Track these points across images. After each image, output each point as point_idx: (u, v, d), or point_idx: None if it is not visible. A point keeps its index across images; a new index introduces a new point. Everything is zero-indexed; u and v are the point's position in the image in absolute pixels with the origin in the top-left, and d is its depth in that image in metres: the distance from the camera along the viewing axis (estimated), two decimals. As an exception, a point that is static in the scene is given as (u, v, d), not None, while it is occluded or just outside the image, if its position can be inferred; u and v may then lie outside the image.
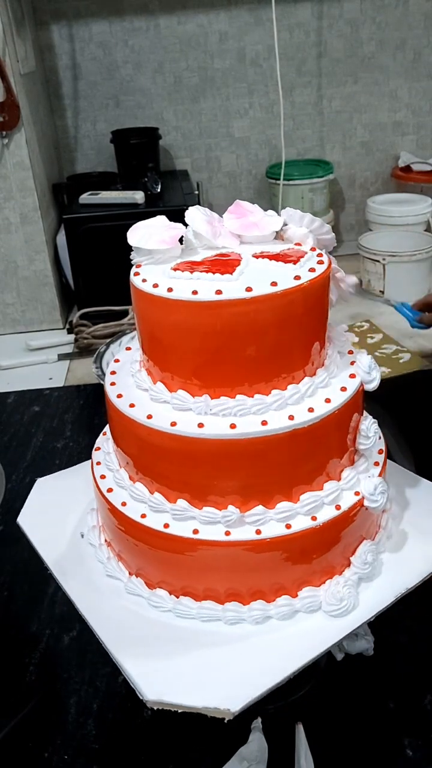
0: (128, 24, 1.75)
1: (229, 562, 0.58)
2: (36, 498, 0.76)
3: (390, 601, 0.60)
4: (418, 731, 0.64)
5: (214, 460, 0.56)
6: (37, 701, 0.69)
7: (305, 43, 1.81)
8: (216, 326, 0.55)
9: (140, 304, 0.59)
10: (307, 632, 0.58)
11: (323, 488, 0.60)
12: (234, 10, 1.75)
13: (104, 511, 0.64)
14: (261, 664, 0.56)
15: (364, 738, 0.64)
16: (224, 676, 0.55)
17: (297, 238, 0.63)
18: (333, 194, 1.95)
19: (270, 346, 0.56)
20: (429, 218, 1.74)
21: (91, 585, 0.64)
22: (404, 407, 1.11)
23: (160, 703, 0.53)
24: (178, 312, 0.55)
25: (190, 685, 0.54)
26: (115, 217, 1.51)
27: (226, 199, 1.94)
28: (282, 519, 0.58)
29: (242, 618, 0.59)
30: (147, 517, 0.59)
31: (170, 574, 0.61)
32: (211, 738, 0.64)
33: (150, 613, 0.61)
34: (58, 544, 0.69)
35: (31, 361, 1.48)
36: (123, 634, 0.59)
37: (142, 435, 0.58)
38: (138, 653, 0.57)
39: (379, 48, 1.84)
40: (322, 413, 0.57)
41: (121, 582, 0.63)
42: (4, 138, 1.46)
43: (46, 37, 1.74)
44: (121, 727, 0.67)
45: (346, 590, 0.59)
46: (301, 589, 0.60)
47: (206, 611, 0.59)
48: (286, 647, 0.57)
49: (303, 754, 0.60)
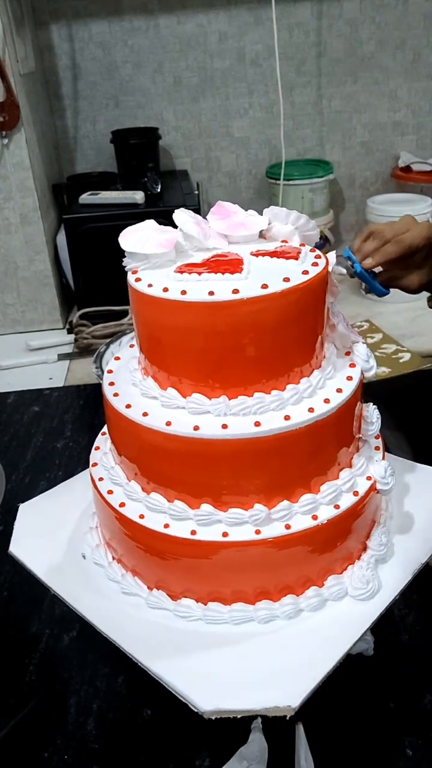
0: (128, 24, 1.75)
1: (260, 560, 0.58)
2: (23, 525, 0.73)
3: (409, 578, 0.62)
4: (418, 731, 0.64)
5: (238, 459, 0.56)
6: (37, 701, 0.69)
7: (305, 42, 1.81)
8: (234, 325, 0.55)
9: (147, 309, 0.58)
10: (340, 619, 0.60)
11: (339, 477, 0.61)
12: (234, 9, 1.75)
13: (115, 527, 0.62)
14: (306, 657, 0.56)
15: (364, 738, 0.64)
16: (272, 674, 0.55)
17: (283, 235, 0.63)
18: (333, 194, 1.95)
19: (285, 340, 0.57)
20: (429, 218, 1.73)
21: (109, 605, 0.62)
22: (404, 407, 1.11)
23: (218, 711, 0.52)
24: (194, 314, 0.54)
25: (240, 689, 0.54)
26: (115, 217, 1.51)
27: (225, 199, 1.93)
28: (307, 511, 0.58)
29: (275, 615, 0.59)
30: (170, 526, 0.58)
31: (196, 581, 0.60)
32: (211, 738, 0.64)
33: (177, 624, 0.60)
34: (62, 569, 0.67)
35: (31, 361, 1.48)
36: (156, 649, 0.58)
37: (159, 443, 0.57)
38: (177, 666, 0.56)
39: (379, 48, 1.84)
40: (337, 403, 0.58)
41: (141, 598, 0.62)
42: (4, 138, 1.46)
43: (45, 37, 1.74)
44: (121, 727, 0.67)
45: (370, 572, 0.61)
46: (326, 578, 0.61)
47: (238, 613, 0.59)
48: (325, 636, 0.58)
49: (303, 754, 0.60)
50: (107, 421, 0.65)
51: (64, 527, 0.72)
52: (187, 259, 0.60)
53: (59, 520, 0.73)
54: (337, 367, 0.62)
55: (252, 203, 0.63)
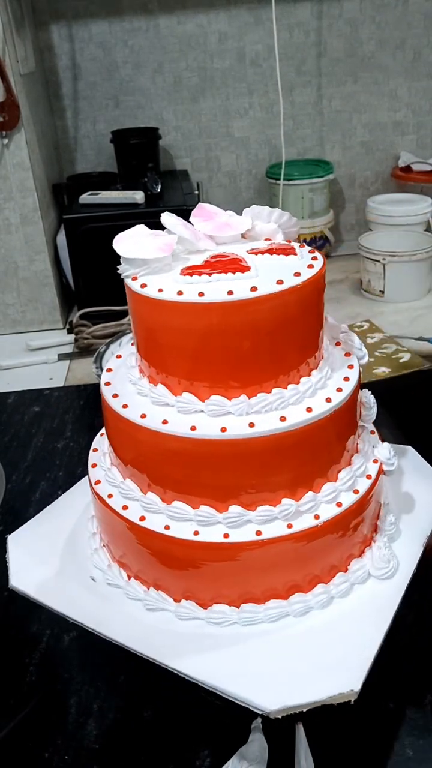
0: (128, 24, 1.75)
1: (292, 554, 0.59)
2: (17, 555, 0.70)
3: (420, 552, 0.65)
4: (418, 731, 0.64)
5: (266, 456, 0.57)
6: (37, 701, 0.69)
7: (305, 42, 1.81)
8: (254, 322, 0.55)
9: (158, 314, 0.56)
10: (370, 600, 0.61)
11: (352, 463, 0.62)
12: (234, 10, 1.75)
13: (131, 543, 0.61)
14: (350, 641, 0.57)
15: (364, 738, 0.64)
16: (323, 664, 0.56)
17: (266, 233, 0.64)
18: (333, 194, 1.95)
19: (300, 332, 0.58)
20: (429, 218, 1.74)
21: (136, 624, 0.61)
22: (404, 407, 1.11)
23: (284, 709, 0.52)
24: (214, 315, 0.54)
25: (297, 683, 0.54)
26: (115, 217, 1.51)
27: (226, 199, 1.94)
28: (331, 500, 0.60)
29: (309, 606, 0.60)
30: (200, 533, 0.58)
31: (228, 585, 0.60)
32: (211, 738, 0.64)
33: (212, 630, 0.60)
34: (76, 596, 0.64)
35: (31, 361, 1.48)
36: (200, 660, 0.57)
37: (185, 449, 0.56)
38: (228, 673, 0.56)
39: (379, 48, 1.84)
40: (348, 392, 0.60)
41: (170, 611, 0.61)
42: (4, 138, 1.46)
43: (45, 38, 1.74)
44: (121, 727, 0.67)
45: (388, 551, 0.63)
46: (349, 563, 0.63)
47: (273, 611, 0.60)
48: (360, 618, 0.59)
49: (303, 754, 0.60)
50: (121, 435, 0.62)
51: (59, 551, 0.70)
52: (184, 261, 0.59)
53: (51, 545, 0.71)
54: (336, 358, 0.64)
55: (252, 203, 0.64)
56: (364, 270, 1.63)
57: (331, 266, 1.99)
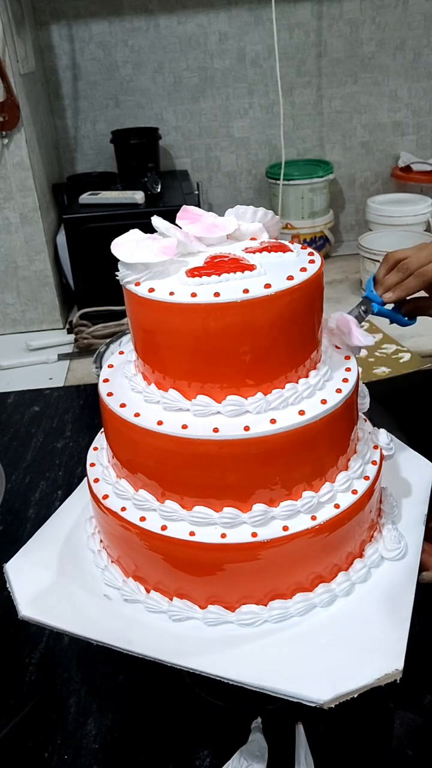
0: (128, 24, 1.75)
1: (318, 546, 0.59)
2: (20, 583, 0.66)
3: (422, 529, 0.67)
4: (418, 731, 0.64)
5: (289, 451, 0.57)
6: (37, 701, 0.69)
7: (305, 43, 1.81)
8: (269, 319, 0.55)
9: (174, 318, 0.55)
10: (389, 581, 0.62)
11: (357, 451, 0.64)
12: (234, 10, 1.75)
13: (144, 552, 0.60)
14: (380, 623, 0.58)
15: (364, 738, 0.64)
16: (362, 647, 0.56)
17: (250, 233, 0.64)
18: (333, 194, 1.95)
19: (310, 327, 0.59)
20: (429, 218, 1.74)
21: (166, 636, 0.59)
22: (404, 407, 1.11)
23: (338, 697, 0.53)
24: (232, 314, 0.54)
25: (342, 671, 0.54)
26: (115, 217, 1.51)
27: (225, 199, 1.94)
28: (346, 488, 0.61)
29: (335, 595, 0.61)
30: (227, 536, 0.57)
31: (255, 585, 0.59)
32: (211, 738, 0.64)
33: (244, 631, 0.59)
34: (95, 618, 0.61)
35: (31, 361, 1.48)
36: (239, 663, 0.56)
37: (210, 452, 0.55)
38: (271, 671, 0.55)
39: (379, 48, 1.84)
40: (354, 381, 0.60)
41: (197, 619, 0.60)
42: (4, 138, 1.46)
43: (46, 37, 1.74)
44: (121, 727, 0.67)
45: (397, 533, 0.65)
46: (364, 548, 0.64)
47: (300, 604, 0.60)
48: (385, 600, 0.60)
49: (303, 754, 0.60)
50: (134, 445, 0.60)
51: (65, 573, 0.67)
52: (181, 264, 0.59)
53: (53, 568, 0.67)
54: (334, 353, 0.65)
55: (252, 203, 0.64)
56: (364, 270, 1.63)
57: (331, 266, 2.00)
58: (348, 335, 0.64)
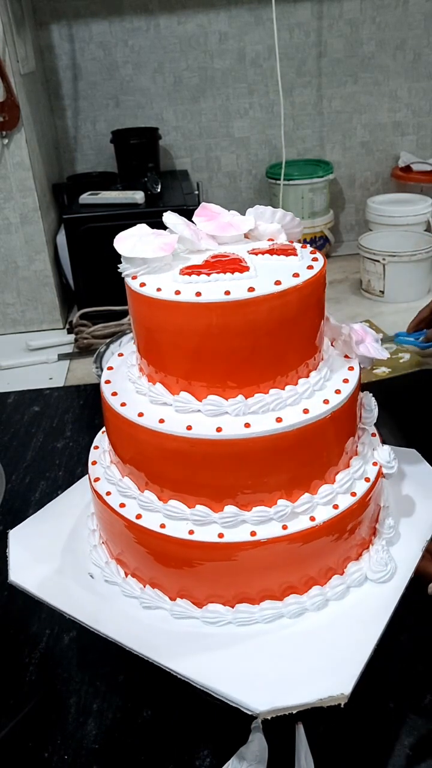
0: (128, 24, 1.75)
1: (287, 555, 0.58)
2: (17, 551, 0.70)
3: (419, 555, 0.64)
4: (418, 731, 0.64)
5: (263, 456, 0.56)
6: (37, 701, 0.69)
7: (305, 43, 1.81)
8: (251, 322, 0.55)
9: (156, 313, 0.56)
10: (366, 603, 0.61)
11: (350, 465, 0.62)
12: (234, 10, 1.75)
13: (129, 540, 0.61)
14: (344, 644, 0.57)
15: (364, 738, 0.64)
16: (316, 666, 0.55)
17: (269, 234, 0.64)
18: (333, 194, 1.95)
19: (298, 333, 0.58)
20: (429, 218, 1.74)
21: (131, 622, 0.60)
22: (404, 407, 1.11)
23: (274, 710, 0.52)
24: (211, 315, 0.54)
25: (288, 684, 0.54)
26: (115, 217, 1.51)
27: (226, 199, 1.94)
28: (327, 502, 0.59)
29: (305, 608, 0.60)
30: (195, 532, 0.57)
31: (224, 585, 0.59)
32: (211, 738, 0.64)
33: (207, 629, 0.59)
34: (74, 593, 0.64)
35: (31, 361, 1.48)
36: (191, 658, 0.57)
37: (181, 449, 0.56)
38: (218, 672, 0.55)
39: (379, 48, 1.84)
40: (347, 393, 0.59)
41: (165, 610, 0.61)
42: (4, 138, 1.46)
43: (46, 37, 1.74)
44: (121, 727, 0.67)
45: (386, 555, 0.63)
46: (346, 565, 0.62)
47: (268, 611, 0.59)
48: (356, 621, 0.59)
49: (303, 754, 0.60)
50: (119, 433, 0.62)
51: (59, 548, 0.70)
52: (184, 261, 0.59)
53: (52, 541, 0.70)
54: (335, 359, 0.64)
55: (252, 203, 0.64)
56: (364, 270, 1.63)
57: (331, 266, 1.99)
58: (359, 345, 0.63)
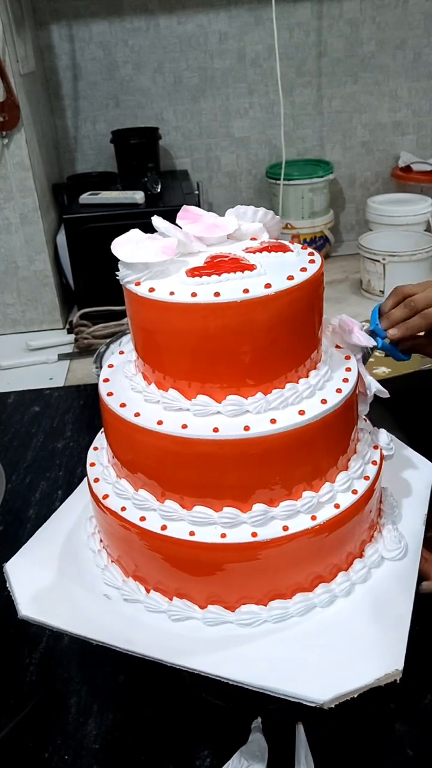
0: (128, 24, 1.75)
1: (316, 546, 0.58)
2: (20, 583, 0.65)
3: (422, 529, 0.66)
4: (418, 731, 0.64)
5: (288, 451, 0.56)
6: (37, 701, 0.69)
7: (305, 43, 1.81)
8: (269, 319, 0.55)
9: (174, 318, 0.55)
10: (389, 582, 0.62)
11: (357, 451, 0.63)
12: (234, 10, 1.75)
13: (144, 552, 0.60)
14: (381, 623, 0.58)
15: (364, 738, 0.64)
16: (362, 648, 0.56)
17: (251, 233, 0.64)
18: (333, 194, 1.95)
19: (310, 326, 0.58)
20: (429, 218, 1.74)
21: (166, 635, 0.59)
22: (404, 407, 1.11)
23: (337, 698, 0.52)
24: (231, 314, 0.54)
25: (342, 671, 0.54)
26: (115, 217, 1.51)
27: (226, 199, 1.94)
28: (346, 488, 0.60)
29: (335, 596, 0.61)
30: (227, 536, 0.57)
31: (255, 585, 0.59)
32: (211, 738, 0.64)
33: (243, 631, 0.59)
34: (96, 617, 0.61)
35: (31, 361, 1.48)
36: (239, 663, 0.56)
37: (210, 451, 0.55)
38: (271, 671, 0.55)
39: (379, 48, 1.84)
40: (354, 382, 0.60)
41: (196, 619, 0.60)
42: (4, 138, 1.46)
43: (46, 38, 1.74)
44: (121, 727, 0.67)
45: (397, 533, 0.65)
46: (364, 548, 0.64)
47: (300, 604, 0.59)
48: (384, 600, 0.60)
49: (303, 754, 0.60)
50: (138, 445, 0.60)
51: (64, 574, 0.66)
52: (182, 264, 0.59)
53: (53, 569, 0.67)
54: (335, 352, 0.64)
55: (252, 203, 0.63)
56: (364, 270, 1.63)
57: (331, 266, 2.00)
58: (349, 334, 0.64)
